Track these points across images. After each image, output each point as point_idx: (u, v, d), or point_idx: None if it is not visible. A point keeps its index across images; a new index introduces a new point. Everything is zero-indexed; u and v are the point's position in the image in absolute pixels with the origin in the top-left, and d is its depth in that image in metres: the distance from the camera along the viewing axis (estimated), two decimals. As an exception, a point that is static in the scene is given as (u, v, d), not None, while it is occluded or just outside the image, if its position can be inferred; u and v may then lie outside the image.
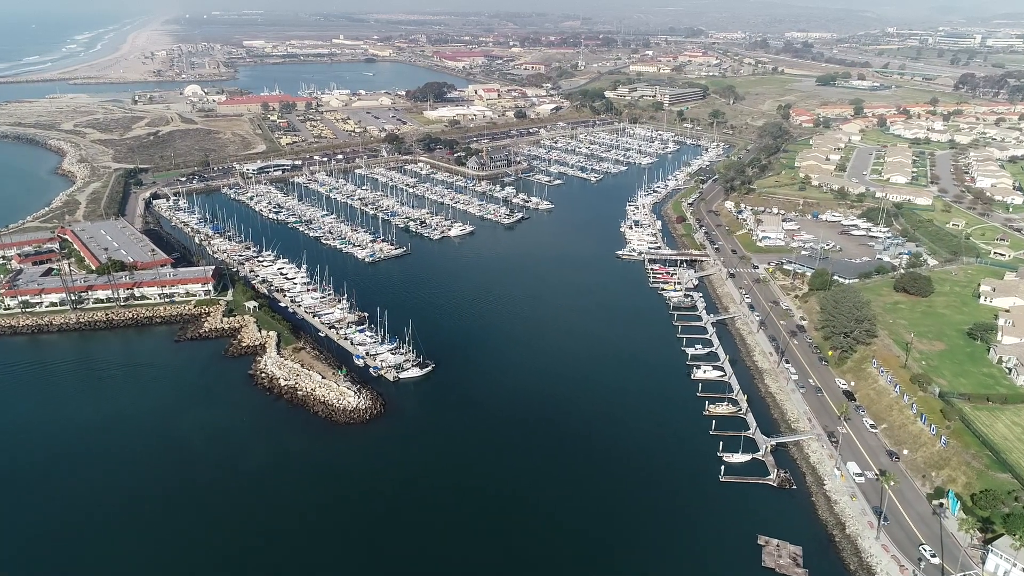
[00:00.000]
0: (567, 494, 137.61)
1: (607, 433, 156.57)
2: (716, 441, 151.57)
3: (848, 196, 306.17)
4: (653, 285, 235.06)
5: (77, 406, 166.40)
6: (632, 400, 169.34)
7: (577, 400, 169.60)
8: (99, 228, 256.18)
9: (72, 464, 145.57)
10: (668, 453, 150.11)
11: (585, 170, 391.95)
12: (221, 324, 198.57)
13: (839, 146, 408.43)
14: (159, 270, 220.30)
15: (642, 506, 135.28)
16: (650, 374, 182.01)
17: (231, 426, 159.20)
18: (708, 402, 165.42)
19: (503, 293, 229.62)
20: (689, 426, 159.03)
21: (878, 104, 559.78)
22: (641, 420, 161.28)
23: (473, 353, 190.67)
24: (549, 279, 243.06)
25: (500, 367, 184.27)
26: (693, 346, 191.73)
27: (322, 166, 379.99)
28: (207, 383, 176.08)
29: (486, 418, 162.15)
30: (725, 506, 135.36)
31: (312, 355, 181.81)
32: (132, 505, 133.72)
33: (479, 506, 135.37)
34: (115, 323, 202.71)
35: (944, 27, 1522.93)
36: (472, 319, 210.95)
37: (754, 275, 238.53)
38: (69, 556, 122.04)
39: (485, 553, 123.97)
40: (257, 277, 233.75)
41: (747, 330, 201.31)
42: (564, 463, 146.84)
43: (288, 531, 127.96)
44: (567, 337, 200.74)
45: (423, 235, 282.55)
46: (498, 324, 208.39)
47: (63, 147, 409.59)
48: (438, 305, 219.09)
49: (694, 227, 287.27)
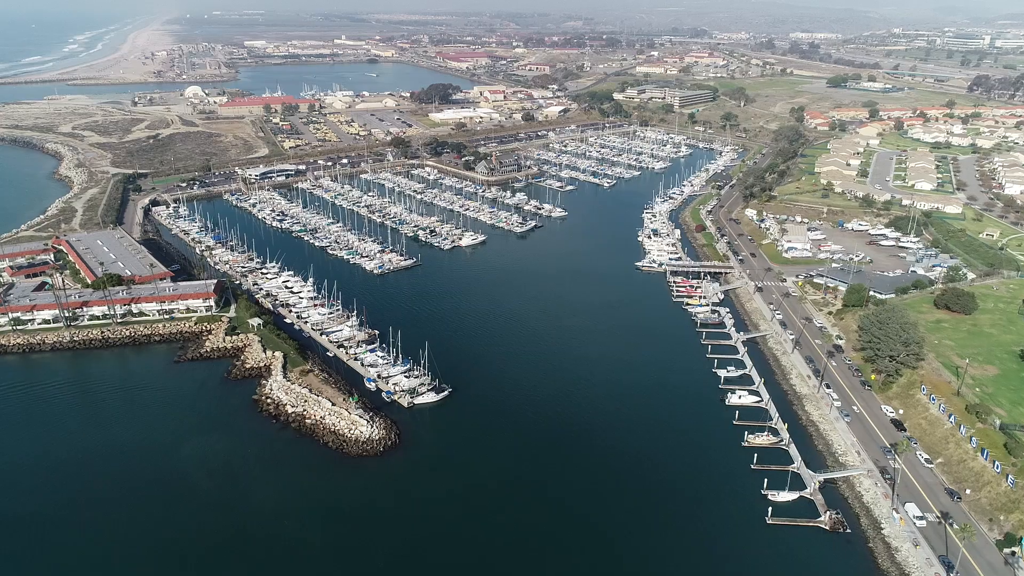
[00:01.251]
0: (600, 537, 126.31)
1: (641, 467, 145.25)
2: (758, 476, 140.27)
3: (874, 204, 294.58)
4: (676, 299, 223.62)
5: (69, 434, 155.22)
6: (664, 429, 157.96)
7: (604, 428, 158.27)
8: (95, 238, 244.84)
9: (62, 500, 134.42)
10: (709, 491, 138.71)
11: (597, 175, 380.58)
12: (223, 343, 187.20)
13: (858, 150, 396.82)
14: (158, 284, 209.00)
15: (685, 550, 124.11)
16: (681, 399, 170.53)
17: (235, 458, 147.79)
18: (746, 432, 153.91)
19: (519, 309, 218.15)
20: (728, 459, 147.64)
21: (893, 107, 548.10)
22: (676, 452, 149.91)
23: (490, 375, 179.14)
24: (566, 293, 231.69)
25: (519, 391, 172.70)
26: (725, 368, 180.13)
27: (326, 171, 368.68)
28: (208, 409, 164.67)
29: (508, 450, 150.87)
30: (775, 551, 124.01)
31: (321, 378, 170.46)
32: (126, 548, 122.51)
33: (505, 548, 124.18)
34: (111, 342, 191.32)
35: (949, 28, 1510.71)
36: (487, 337, 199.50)
37: (783, 289, 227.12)
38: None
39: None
40: (261, 291, 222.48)
41: (781, 350, 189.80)
42: (595, 501, 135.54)
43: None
44: (589, 357, 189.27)
45: (433, 245, 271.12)
46: (515, 343, 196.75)
47: (60, 151, 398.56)
48: (451, 321, 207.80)
49: (715, 236, 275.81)
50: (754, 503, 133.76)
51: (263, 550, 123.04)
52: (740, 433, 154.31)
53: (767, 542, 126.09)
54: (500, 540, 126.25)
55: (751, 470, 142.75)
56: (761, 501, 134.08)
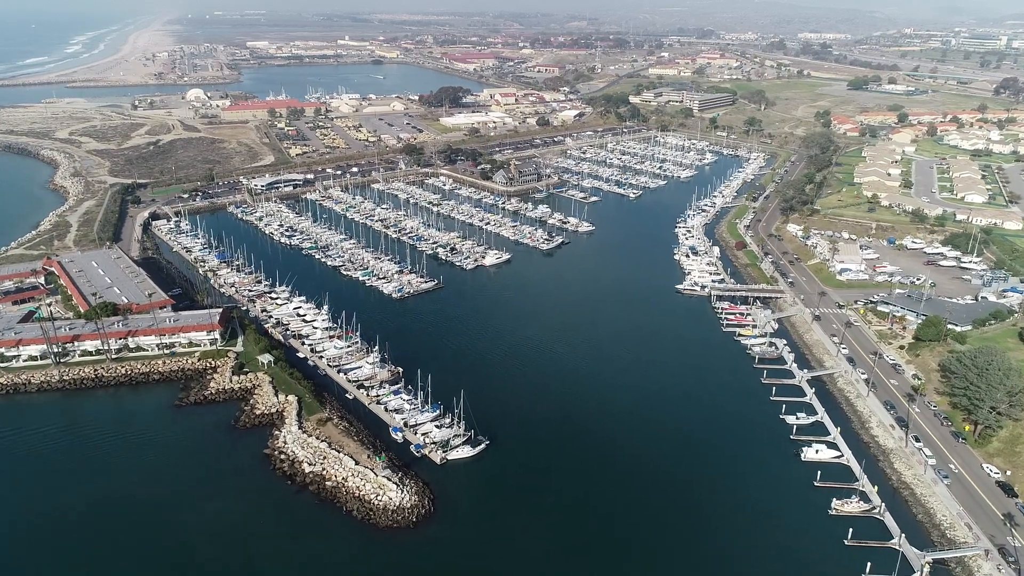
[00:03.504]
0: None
1: (715, 540, 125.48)
2: (854, 555, 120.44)
3: (926, 219, 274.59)
4: (727, 330, 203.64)
5: (55, 488, 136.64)
6: (737, 490, 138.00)
7: (666, 487, 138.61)
8: (90, 259, 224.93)
9: (42, 564, 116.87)
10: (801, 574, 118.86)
11: (622, 184, 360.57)
12: (230, 384, 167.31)
13: (895, 159, 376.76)
14: (157, 314, 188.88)
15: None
16: (750, 453, 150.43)
17: (244, 525, 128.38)
18: (833, 497, 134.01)
19: (553, 339, 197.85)
20: (816, 532, 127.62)
21: (920, 111, 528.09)
22: (755, 522, 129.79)
23: (529, 421, 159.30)
24: (603, 320, 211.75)
25: (565, 442, 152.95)
26: (794, 414, 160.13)
27: (336, 181, 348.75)
28: (214, 464, 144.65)
29: (557, 514, 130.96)
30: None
31: (341, 428, 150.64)
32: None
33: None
34: (105, 381, 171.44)
35: (959, 28, 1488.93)
36: (522, 374, 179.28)
37: (842, 317, 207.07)
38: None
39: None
40: (270, 319, 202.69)
41: (853, 392, 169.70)
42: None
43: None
44: (637, 397, 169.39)
45: (454, 264, 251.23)
46: (553, 379, 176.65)
47: (56, 158, 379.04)
48: (480, 356, 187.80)
49: (758, 255, 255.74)
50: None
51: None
52: (824, 497, 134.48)
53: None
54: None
55: (845, 547, 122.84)
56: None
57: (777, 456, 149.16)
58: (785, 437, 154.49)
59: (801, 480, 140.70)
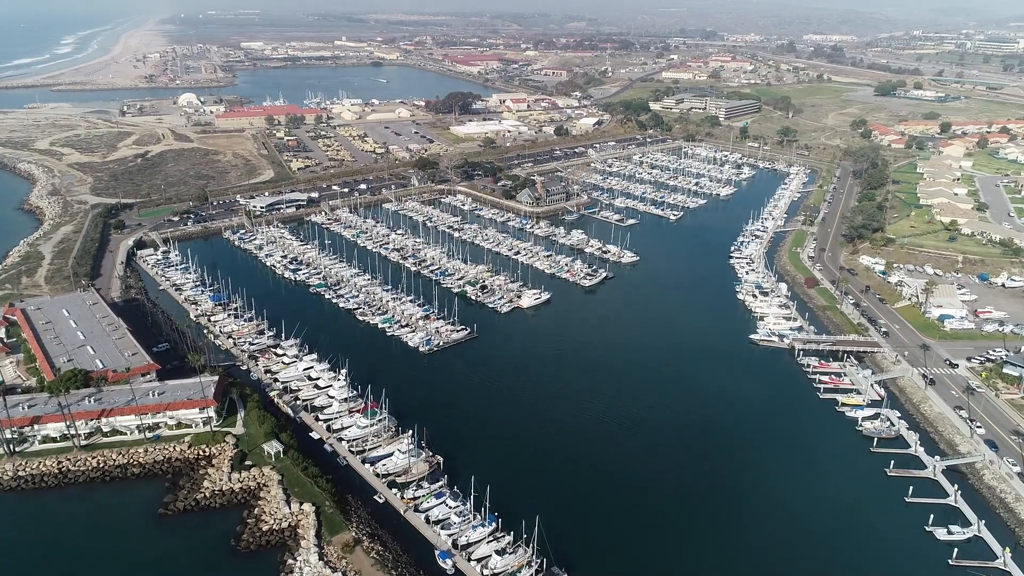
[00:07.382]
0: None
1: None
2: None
3: (1021, 252, 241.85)
4: (824, 396, 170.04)
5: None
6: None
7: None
8: (61, 307, 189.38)
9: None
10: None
11: (658, 204, 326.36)
12: (229, 483, 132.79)
13: (955, 176, 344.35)
14: (138, 384, 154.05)
15: None
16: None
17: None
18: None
19: (617, 410, 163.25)
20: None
21: (961, 119, 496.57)
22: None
23: (609, 538, 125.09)
24: (668, 381, 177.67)
25: (660, 568, 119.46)
26: (944, 527, 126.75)
27: (343, 200, 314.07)
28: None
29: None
30: None
31: (374, 556, 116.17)
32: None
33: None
34: (71, 477, 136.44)
35: (965, 30, 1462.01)
36: (587, 466, 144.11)
37: (956, 379, 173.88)
38: None
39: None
40: (276, 385, 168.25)
41: (1009, 492, 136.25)
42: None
43: None
44: (737, 491, 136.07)
45: (486, 305, 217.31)
46: (628, 476, 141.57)
47: (34, 172, 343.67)
48: (534, 438, 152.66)
49: (835, 295, 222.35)
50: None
51: None
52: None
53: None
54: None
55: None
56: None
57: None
58: (939, 559, 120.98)
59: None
